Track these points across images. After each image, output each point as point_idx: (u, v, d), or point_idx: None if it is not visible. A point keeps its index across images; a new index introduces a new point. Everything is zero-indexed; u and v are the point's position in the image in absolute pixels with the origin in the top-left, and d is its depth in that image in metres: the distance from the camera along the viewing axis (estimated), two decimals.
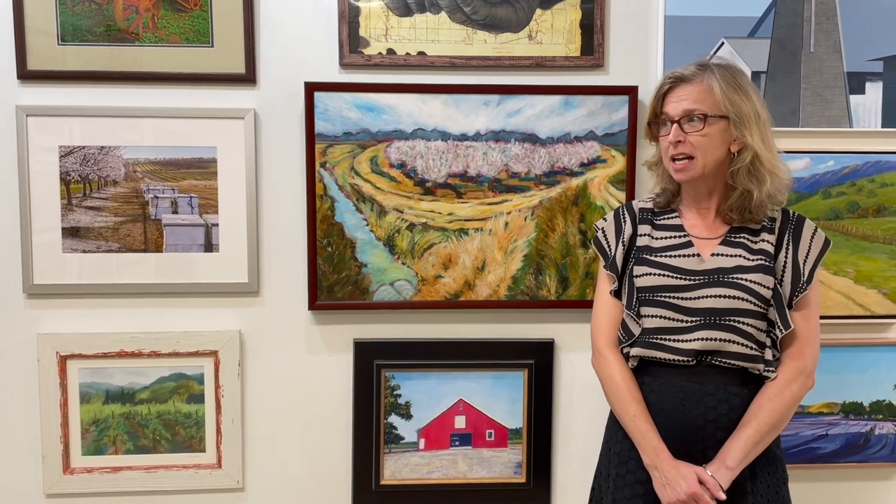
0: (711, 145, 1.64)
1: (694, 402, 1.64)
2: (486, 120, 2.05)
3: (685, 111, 1.64)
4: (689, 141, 1.63)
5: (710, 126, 1.63)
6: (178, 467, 2.10)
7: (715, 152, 1.65)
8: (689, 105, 1.64)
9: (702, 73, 1.65)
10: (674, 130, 1.64)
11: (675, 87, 1.67)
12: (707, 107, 1.63)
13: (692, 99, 1.64)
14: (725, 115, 1.62)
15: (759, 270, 1.65)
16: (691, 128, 1.63)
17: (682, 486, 1.58)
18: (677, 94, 1.66)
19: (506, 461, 2.15)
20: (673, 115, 1.65)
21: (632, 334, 1.71)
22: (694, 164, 1.65)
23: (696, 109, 1.63)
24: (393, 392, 2.12)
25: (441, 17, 2.04)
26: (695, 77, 1.65)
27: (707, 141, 1.63)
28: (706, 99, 1.63)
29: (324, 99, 2.02)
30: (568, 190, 2.09)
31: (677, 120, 1.64)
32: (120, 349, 2.05)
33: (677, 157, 1.65)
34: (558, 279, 2.10)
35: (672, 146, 1.65)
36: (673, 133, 1.64)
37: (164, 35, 2.00)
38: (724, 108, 1.62)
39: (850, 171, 2.11)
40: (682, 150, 1.64)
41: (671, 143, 1.65)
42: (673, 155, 1.66)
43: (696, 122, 1.63)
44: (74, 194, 2.02)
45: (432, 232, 2.08)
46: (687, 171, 1.66)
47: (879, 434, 2.18)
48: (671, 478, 1.60)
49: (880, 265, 2.13)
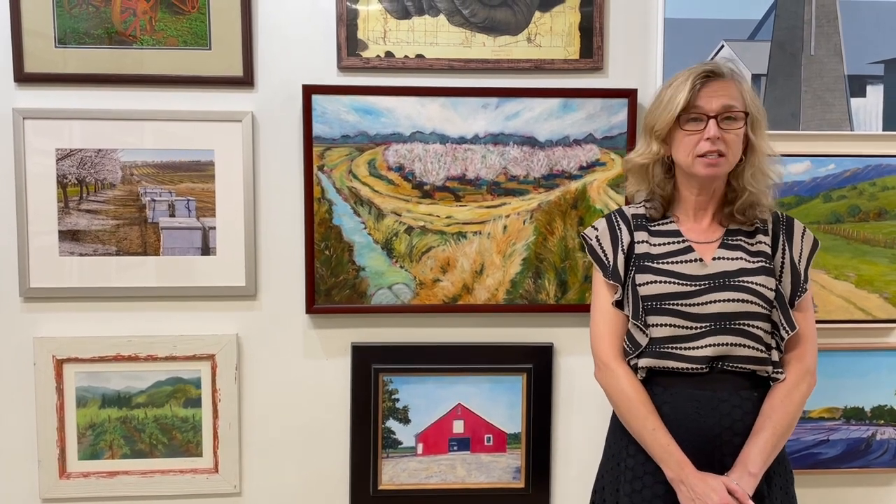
0: (739, 144, 1.63)
1: (709, 409, 1.63)
2: (484, 123, 2.04)
3: (725, 107, 1.60)
4: (724, 139, 1.60)
5: (741, 126, 1.62)
6: (174, 472, 2.09)
7: (739, 152, 1.64)
8: (728, 101, 1.61)
9: (731, 73, 1.64)
10: (713, 126, 1.59)
11: (710, 81, 1.62)
12: (742, 106, 1.62)
13: (729, 95, 1.61)
14: (750, 114, 1.63)
15: (762, 272, 1.65)
16: (728, 125, 1.61)
17: (713, 499, 1.54)
18: (713, 89, 1.61)
19: (504, 466, 2.14)
20: (710, 111, 1.60)
21: (639, 345, 1.68)
22: (724, 162, 1.62)
23: (734, 106, 1.61)
24: (391, 396, 2.11)
25: (439, 19, 2.03)
26: (729, 75, 1.64)
27: (737, 140, 1.63)
28: (739, 97, 1.62)
29: (322, 102, 2.01)
30: (567, 193, 2.08)
31: (714, 116, 1.60)
32: (116, 353, 2.04)
33: (710, 153, 1.60)
34: (557, 283, 2.09)
35: (709, 142, 1.59)
36: (713, 129, 1.59)
37: (161, 38, 2.00)
38: (751, 108, 1.63)
39: (851, 175, 2.10)
40: (719, 147, 1.59)
41: (710, 140, 1.59)
42: (707, 151, 1.60)
43: (733, 120, 1.61)
44: (71, 197, 2.01)
45: (430, 235, 2.07)
46: (718, 166, 1.61)
47: (881, 439, 2.17)
48: (700, 491, 1.56)
49: (881, 269, 2.12)
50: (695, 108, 1.61)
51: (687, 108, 1.61)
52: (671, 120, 1.62)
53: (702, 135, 1.60)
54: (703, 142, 1.60)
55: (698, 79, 1.61)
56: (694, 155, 1.62)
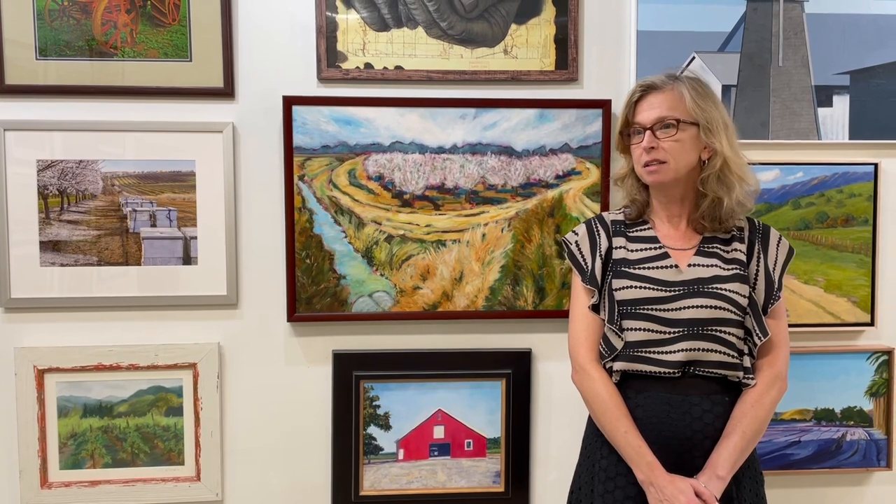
0: (683, 151, 1.67)
1: (681, 413, 1.66)
2: (462, 133, 2.08)
3: (658, 118, 1.67)
4: (662, 147, 1.66)
5: (682, 132, 1.67)
6: (156, 480, 2.09)
7: (686, 158, 1.68)
8: (662, 112, 1.67)
9: (671, 82, 1.70)
10: (647, 137, 1.67)
11: (646, 95, 1.70)
12: (679, 113, 1.67)
13: (665, 106, 1.67)
14: (696, 121, 1.66)
15: (736, 280, 1.68)
16: (664, 133, 1.67)
17: (681, 501, 1.58)
18: (649, 102, 1.69)
19: (484, 471, 2.17)
20: (645, 123, 1.68)
21: (614, 348, 1.71)
22: (666, 168, 1.67)
23: (668, 116, 1.66)
24: (372, 403, 2.13)
25: (418, 31, 2.07)
26: (665, 85, 1.69)
27: (679, 146, 1.67)
28: (678, 106, 1.67)
29: (302, 112, 2.04)
30: (544, 201, 2.11)
31: (650, 127, 1.67)
32: (98, 362, 2.05)
33: (650, 163, 1.68)
34: (535, 289, 2.13)
35: (645, 153, 1.68)
36: (647, 139, 1.67)
37: (142, 49, 2.02)
38: (695, 114, 1.66)
39: (818, 182, 2.15)
40: (656, 156, 1.67)
41: (644, 150, 1.68)
42: (646, 161, 1.68)
43: (668, 128, 1.66)
44: (52, 208, 2.02)
45: (410, 243, 2.10)
46: (660, 173, 1.68)
47: (851, 440, 2.22)
48: (668, 493, 1.60)
49: (850, 274, 2.17)
50: (634, 122, 1.71)
51: (628, 123, 1.73)
52: (618, 136, 1.76)
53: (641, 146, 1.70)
54: (643, 153, 1.69)
55: (635, 94, 1.72)
56: (640, 165, 1.71)
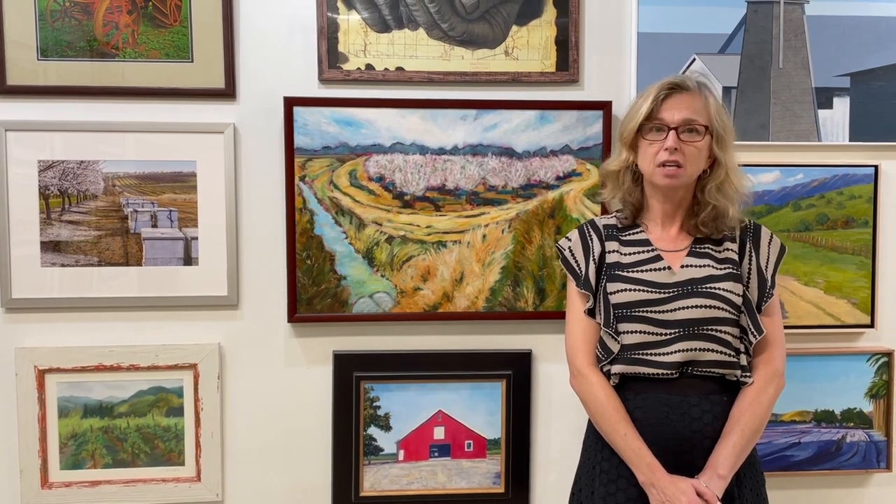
0: (700, 158, 1.67)
1: (679, 413, 1.66)
2: (463, 134, 2.08)
3: (685, 120, 1.65)
4: (683, 150, 1.65)
5: (704, 139, 1.66)
6: (157, 481, 2.09)
7: (699, 166, 1.69)
8: (691, 115, 1.65)
9: (699, 87, 1.69)
10: (671, 137, 1.64)
11: (674, 94, 1.68)
12: (704, 120, 1.66)
13: (693, 109, 1.66)
14: (714, 131, 1.67)
15: (729, 279, 1.69)
16: (688, 137, 1.65)
17: (682, 502, 1.58)
18: (677, 101, 1.67)
19: (485, 472, 2.17)
20: (671, 122, 1.65)
21: (611, 351, 1.71)
22: (682, 173, 1.66)
23: (696, 120, 1.65)
24: (372, 404, 2.13)
25: (419, 33, 2.07)
26: (694, 89, 1.68)
27: (698, 154, 1.67)
28: (703, 112, 1.67)
29: (303, 113, 2.04)
30: (544, 203, 2.12)
31: (675, 127, 1.65)
32: (99, 363, 2.05)
33: (668, 164, 1.65)
34: (535, 291, 2.13)
35: (666, 152, 1.64)
36: (671, 139, 1.64)
37: (144, 50, 2.02)
38: (716, 124, 1.66)
39: (819, 184, 2.15)
40: (676, 157, 1.65)
41: (667, 150, 1.64)
42: (666, 161, 1.65)
43: (693, 132, 1.66)
44: (53, 208, 2.02)
45: (411, 244, 2.10)
46: (677, 177, 1.66)
47: (851, 441, 2.22)
48: (670, 494, 1.60)
49: (849, 276, 2.18)
50: (657, 118, 1.67)
51: (650, 117, 1.67)
52: (634, 128, 1.69)
53: (662, 144, 1.65)
54: (662, 151, 1.65)
55: (663, 90, 1.67)
56: (654, 164, 1.67)
